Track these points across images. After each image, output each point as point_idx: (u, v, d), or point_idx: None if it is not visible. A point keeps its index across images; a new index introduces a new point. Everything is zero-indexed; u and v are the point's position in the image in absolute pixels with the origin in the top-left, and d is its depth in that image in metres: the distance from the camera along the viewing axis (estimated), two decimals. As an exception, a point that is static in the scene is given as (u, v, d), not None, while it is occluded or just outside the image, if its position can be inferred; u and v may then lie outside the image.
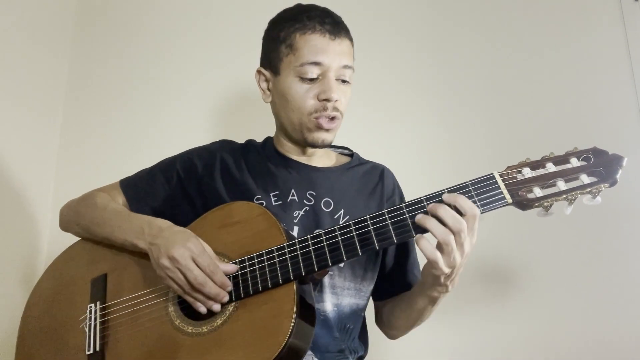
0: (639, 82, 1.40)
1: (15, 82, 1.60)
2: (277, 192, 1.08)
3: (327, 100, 1.02)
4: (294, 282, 0.88)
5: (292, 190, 1.08)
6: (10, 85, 1.59)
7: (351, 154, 1.21)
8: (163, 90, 1.76)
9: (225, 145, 1.18)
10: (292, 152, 1.14)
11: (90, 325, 0.97)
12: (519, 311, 1.38)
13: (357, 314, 1.08)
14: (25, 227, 1.60)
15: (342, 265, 1.03)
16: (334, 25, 1.05)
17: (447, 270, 0.85)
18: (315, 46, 1.03)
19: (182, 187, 1.12)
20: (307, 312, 0.89)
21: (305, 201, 1.07)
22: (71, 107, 1.80)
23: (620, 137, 1.38)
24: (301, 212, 1.06)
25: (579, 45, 1.48)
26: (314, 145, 1.07)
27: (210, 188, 1.10)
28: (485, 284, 1.41)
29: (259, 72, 1.12)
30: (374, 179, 1.16)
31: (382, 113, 1.58)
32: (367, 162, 1.20)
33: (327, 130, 1.05)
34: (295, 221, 1.05)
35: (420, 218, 0.85)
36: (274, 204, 1.06)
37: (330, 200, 1.08)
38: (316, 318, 0.92)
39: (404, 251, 1.14)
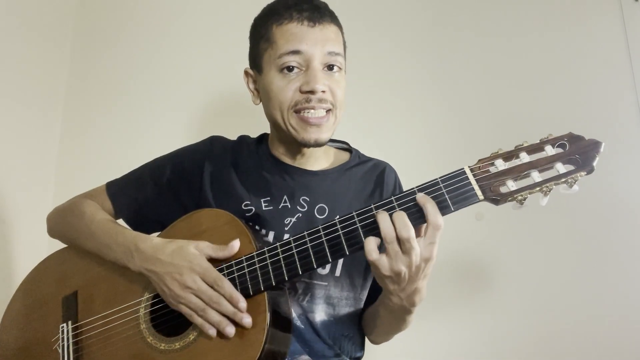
0: (639, 82, 1.37)
1: (15, 82, 1.59)
2: (269, 198, 1.02)
3: (311, 92, 0.95)
4: (265, 293, 0.85)
5: (285, 197, 1.02)
6: (10, 85, 1.57)
7: (350, 150, 1.13)
8: (163, 89, 1.73)
9: (215, 145, 1.10)
10: (286, 156, 1.06)
11: (63, 345, 0.94)
12: (513, 307, 1.36)
13: (355, 321, 1.04)
14: (26, 227, 1.59)
15: (338, 274, 0.99)
16: (313, 11, 0.97)
17: (388, 272, 0.79)
18: (294, 35, 0.96)
19: (173, 191, 1.07)
20: (281, 320, 0.87)
21: (298, 207, 1.01)
22: (71, 107, 1.78)
23: (620, 137, 1.35)
24: (293, 219, 1.00)
25: (578, 45, 1.45)
26: (307, 146, 0.99)
27: (200, 193, 1.05)
28: (478, 280, 1.39)
29: (246, 73, 1.08)
30: (373, 181, 1.07)
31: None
32: (368, 159, 1.12)
33: (318, 126, 0.97)
34: (286, 228, 0.99)
35: (375, 213, 0.80)
36: (264, 209, 1.01)
37: (325, 207, 1.02)
38: (292, 323, 0.90)
39: None
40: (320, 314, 0.98)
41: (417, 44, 1.58)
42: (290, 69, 0.96)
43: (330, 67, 0.98)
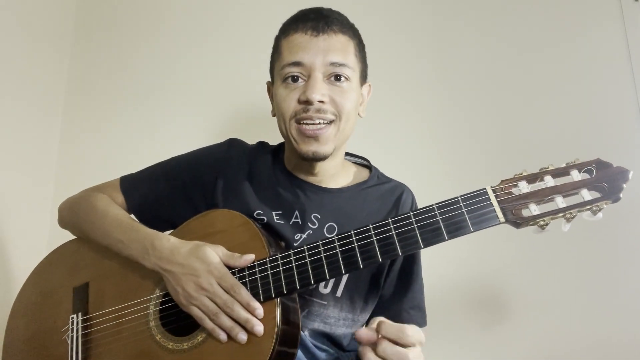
0: (639, 82, 1.35)
1: (15, 82, 1.59)
2: (280, 212, 1.01)
3: (308, 102, 0.93)
4: (276, 300, 0.85)
5: (296, 212, 1.01)
6: (11, 85, 1.58)
7: (370, 168, 1.11)
8: (163, 90, 1.72)
9: (233, 149, 1.09)
10: (299, 171, 1.04)
11: (72, 337, 0.95)
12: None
13: (349, 339, 1.03)
14: (26, 227, 1.60)
15: (339, 295, 0.98)
16: (318, 21, 0.96)
17: None
18: (296, 45, 0.95)
19: (186, 192, 1.07)
20: (290, 328, 0.86)
21: (309, 224, 1.00)
22: (71, 107, 1.79)
23: (620, 138, 1.33)
24: (303, 235, 0.99)
25: (578, 46, 1.42)
26: (306, 159, 0.97)
27: (212, 196, 1.04)
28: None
29: (267, 84, 1.08)
30: (388, 204, 1.05)
31: (379, 117, 1.50)
32: (387, 180, 1.09)
33: (316, 138, 0.94)
34: (295, 244, 0.98)
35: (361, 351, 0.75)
36: (276, 221, 1.00)
37: (335, 225, 1.00)
38: (300, 332, 0.89)
39: (404, 284, 1.05)
40: (313, 330, 0.97)
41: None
42: (294, 79, 0.96)
43: (337, 78, 0.96)
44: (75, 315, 0.97)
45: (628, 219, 1.29)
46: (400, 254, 0.81)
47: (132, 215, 1.08)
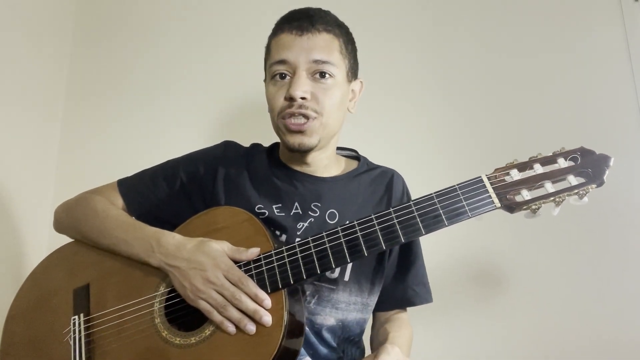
0: (639, 82, 1.38)
1: (15, 82, 1.58)
2: (280, 205, 1.04)
3: (291, 99, 0.98)
4: (283, 291, 0.87)
5: (296, 203, 1.04)
6: (10, 85, 1.56)
7: (358, 158, 1.16)
8: (164, 90, 1.73)
9: (229, 150, 1.13)
10: (293, 163, 1.08)
11: (74, 338, 0.94)
12: (515, 311, 1.37)
13: (362, 327, 1.06)
14: (26, 227, 1.58)
15: (347, 279, 1.01)
16: (303, 21, 1.01)
17: None
18: (282, 45, 1.00)
19: (185, 193, 1.09)
20: (296, 319, 0.88)
21: (310, 212, 1.03)
22: (71, 107, 1.78)
23: (620, 137, 1.37)
24: (305, 224, 1.02)
25: (578, 45, 1.46)
26: (292, 150, 1.02)
27: (212, 195, 1.06)
28: (481, 283, 1.41)
29: (264, 82, 1.11)
30: (381, 188, 1.10)
31: (375, 113, 1.54)
32: (376, 167, 1.14)
33: (300, 132, 0.99)
34: (298, 233, 1.01)
35: None
36: (276, 214, 1.03)
37: (336, 212, 1.04)
38: (304, 323, 0.92)
39: (406, 263, 1.09)
40: (327, 318, 1.00)
41: (424, 50, 1.59)
42: (282, 76, 1.01)
43: (322, 75, 1.00)
44: (76, 317, 0.96)
45: (627, 212, 1.32)
46: (403, 240, 0.85)
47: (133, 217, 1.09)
